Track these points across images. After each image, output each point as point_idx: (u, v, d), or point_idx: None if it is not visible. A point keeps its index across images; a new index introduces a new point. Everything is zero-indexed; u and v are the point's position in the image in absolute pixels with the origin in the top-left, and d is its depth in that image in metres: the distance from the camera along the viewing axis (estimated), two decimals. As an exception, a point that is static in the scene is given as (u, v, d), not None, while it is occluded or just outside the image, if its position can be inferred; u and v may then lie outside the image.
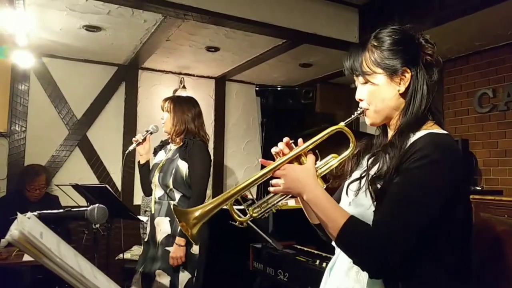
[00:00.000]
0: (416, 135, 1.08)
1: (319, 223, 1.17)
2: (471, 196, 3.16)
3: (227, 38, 3.67)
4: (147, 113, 4.57)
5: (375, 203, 1.06)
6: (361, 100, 1.18)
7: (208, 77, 5.01)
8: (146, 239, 2.59)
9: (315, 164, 1.14)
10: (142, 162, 2.63)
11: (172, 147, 2.66)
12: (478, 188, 3.46)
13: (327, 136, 1.15)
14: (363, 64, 1.14)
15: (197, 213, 1.09)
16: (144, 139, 2.58)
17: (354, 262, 1.03)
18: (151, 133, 2.62)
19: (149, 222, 2.57)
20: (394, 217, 0.99)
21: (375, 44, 1.14)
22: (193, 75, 4.93)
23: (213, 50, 3.99)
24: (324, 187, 1.12)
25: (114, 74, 4.48)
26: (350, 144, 1.16)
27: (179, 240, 2.37)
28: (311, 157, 1.13)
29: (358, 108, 1.18)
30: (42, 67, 4.15)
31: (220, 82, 5.09)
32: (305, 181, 1.08)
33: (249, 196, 1.19)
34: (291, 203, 3.25)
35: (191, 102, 2.67)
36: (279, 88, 4.66)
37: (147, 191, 2.64)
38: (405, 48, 1.12)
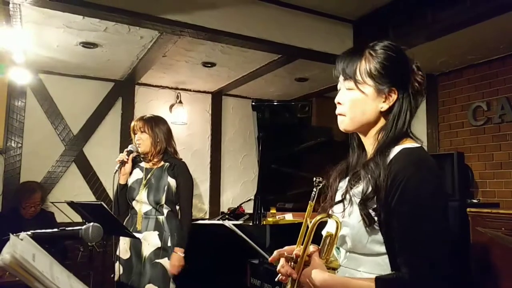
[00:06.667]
0: (392, 152, 1.10)
1: None
2: (468, 209, 3.16)
3: (223, 54, 3.70)
4: (144, 128, 4.57)
5: (367, 228, 1.06)
6: (340, 103, 1.18)
7: (204, 92, 5.04)
8: (128, 256, 2.59)
9: (320, 255, 1.13)
10: (123, 182, 2.70)
11: (147, 165, 2.72)
12: (474, 201, 3.46)
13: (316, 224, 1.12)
14: (356, 71, 1.15)
15: None
16: (127, 160, 2.65)
17: None
18: (131, 153, 2.67)
19: (129, 239, 2.57)
20: (422, 263, 0.99)
21: (371, 54, 1.15)
22: (190, 90, 4.95)
23: (209, 65, 4.02)
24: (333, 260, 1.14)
25: (110, 90, 4.50)
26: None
27: (179, 250, 2.54)
28: (314, 258, 1.10)
29: (318, 183, 1.13)
30: (39, 83, 4.17)
31: (217, 97, 5.11)
32: (318, 283, 1.06)
33: (246, 211, 1.20)
34: (288, 217, 3.24)
35: (161, 121, 2.76)
36: (275, 103, 4.67)
37: (123, 211, 2.70)
38: (397, 69, 1.14)
